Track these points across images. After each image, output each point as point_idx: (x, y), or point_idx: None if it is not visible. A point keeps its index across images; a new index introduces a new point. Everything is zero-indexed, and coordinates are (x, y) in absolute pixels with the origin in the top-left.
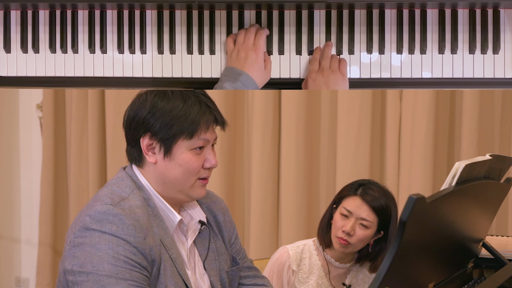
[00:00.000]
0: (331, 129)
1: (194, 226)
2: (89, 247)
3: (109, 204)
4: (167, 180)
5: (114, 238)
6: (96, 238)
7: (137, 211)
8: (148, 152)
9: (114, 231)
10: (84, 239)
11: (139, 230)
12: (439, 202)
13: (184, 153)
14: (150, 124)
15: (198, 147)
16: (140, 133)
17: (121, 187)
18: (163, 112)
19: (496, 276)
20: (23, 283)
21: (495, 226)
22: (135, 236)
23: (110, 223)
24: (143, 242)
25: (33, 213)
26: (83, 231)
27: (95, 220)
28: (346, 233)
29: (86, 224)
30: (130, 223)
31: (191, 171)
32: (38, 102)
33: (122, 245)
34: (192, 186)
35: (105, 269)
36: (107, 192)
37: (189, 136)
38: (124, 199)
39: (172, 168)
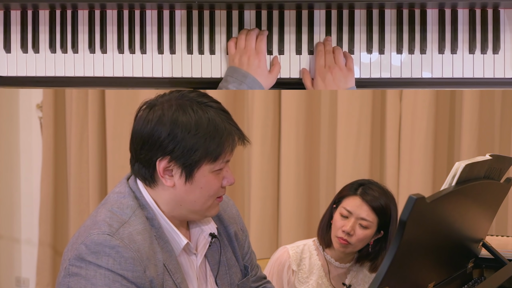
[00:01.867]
0: (331, 129)
1: (204, 240)
2: (84, 280)
3: (106, 234)
4: (184, 203)
5: (110, 274)
6: (91, 271)
7: (137, 238)
8: (165, 175)
9: (111, 266)
10: (79, 270)
11: (139, 263)
12: (439, 202)
13: (206, 176)
14: (170, 148)
15: (218, 169)
16: (157, 156)
17: (121, 208)
18: (184, 136)
19: (496, 276)
20: (23, 283)
21: (495, 226)
22: (134, 270)
23: (106, 256)
24: (143, 276)
25: (33, 213)
26: (78, 260)
27: (91, 251)
28: (346, 233)
29: (81, 254)
30: (128, 255)
31: (212, 192)
32: (38, 102)
33: (119, 281)
34: (209, 207)
35: None
36: (106, 215)
37: (213, 160)
38: (124, 224)
39: (192, 191)
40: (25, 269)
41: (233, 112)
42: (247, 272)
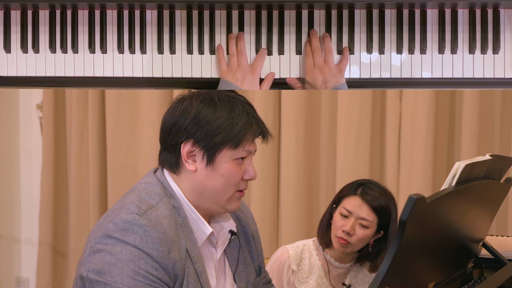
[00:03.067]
0: (331, 129)
1: (224, 236)
2: (109, 255)
3: (135, 213)
4: (205, 190)
5: (136, 251)
6: (118, 247)
7: (164, 222)
8: (188, 159)
9: (138, 243)
10: (105, 246)
11: (164, 244)
12: (439, 202)
13: (227, 163)
14: (194, 131)
15: (240, 158)
16: (182, 139)
17: (149, 194)
18: (208, 120)
19: (496, 276)
20: (23, 283)
21: (495, 226)
22: (159, 250)
23: (134, 234)
24: (167, 256)
25: (33, 213)
26: (105, 238)
27: (119, 228)
28: (346, 233)
29: (109, 232)
30: (155, 235)
31: (232, 182)
32: (38, 102)
33: (144, 258)
34: (229, 199)
35: (124, 282)
36: (135, 199)
37: (234, 146)
38: (151, 208)
39: (213, 177)
40: (25, 269)
41: None
42: (261, 272)
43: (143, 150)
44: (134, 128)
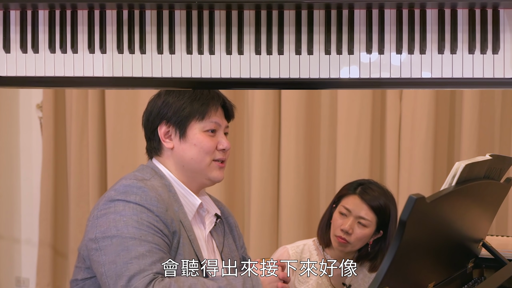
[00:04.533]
0: (331, 129)
1: (210, 219)
2: (113, 214)
3: (133, 179)
4: (185, 163)
5: (138, 206)
6: (120, 206)
7: (158, 189)
8: (166, 139)
9: (138, 201)
10: (108, 209)
11: (161, 202)
12: (439, 202)
13: (198, 134)
14: (164, 112)
15: (210, 130)
16: (157, 123)
17: (142, 173)
18: (174, 100)
19: (496, 276)
20: (23, 283)
21: (495, 226)
22: (158, 206)
23: (134, 194)
24: (165, 213)
25: (33, 213)
26: (107, 203)
27: (119, 192)
28: (345, 232)
29: (111, 197)
30: (153, 195)
31: (205, 150)
32: (38, 102)
33: (146, 212)
34: (208, 166)
35: (129, 232)
36: (129, 175)
37: (200, 117)
38: (146, 180)
39: (187, 149)
40: (25, 269)
41: None
42: (245, 260)
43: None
44: (134, 128)
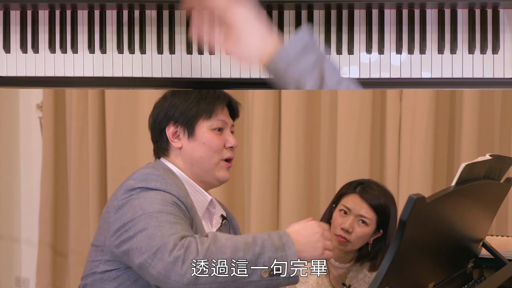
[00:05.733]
0: (331, 129)
1: (216, 219)
2: (136, 200)
3: (151, 168)
4: (194, 161)
5: (159, 191)
6: (143, 193)
7: (173, 180)
8: (174, 139)
9: (159, 186)
10: (130, 197)
11: (181, 190)
12: (439, 202)
13: (206, 133)
14: (171, 113)
15: (217, 128)
16: (164, 124)
17: (156, 168)
18: (181, 101)
19: (496, 276)
20: (23, 283)
21: (495, 226)
22: (178, 191)
23: (154, 181)
24: (186, 198)
25: (33, 213)
26: (127, 192)
27: (139, 180)
28: (345, 230)
29: (130, 186)
30: (171, 181)
31: (214, 148)
32: (38, 102)
33: (169, 195)
34: (217, 166)
35: (155, 208)
36: (143, 168)
37: (208, 116)
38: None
39: (196, 148)
40: (25, 269)
41: None
42: None
43: (143, 150)
44: (134, 128)
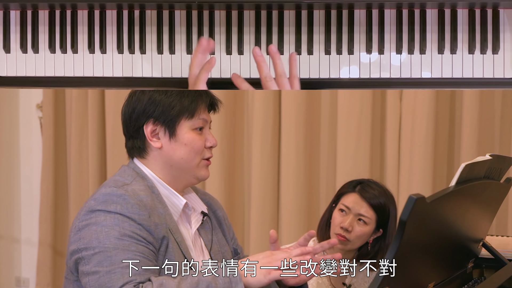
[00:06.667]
0: (331, 129)
1: (196, 217)
2: (95, 226)
3: (113, 187)
4: (173, 162)
5: (119, 216)
6: (101, 217)
7: (140, 193)
8: (153, 138)
9: (119, 210)
10: (89, 220)
11: (143, 209)
12: (439, 202)
13: (188, 133)
14: (151, 110)
15: (198, 128)
16: (143, 121)
17: (123, 176)
18: (162, 98)
19: (496, 276)
20: (23, 283)
21: (495, 226)
22: (140, 214)
23: (114, 203)
24: (148, 219)
25: (33, 213)
26: (88, 214)
27: (99, 202)
28: (345, 229)
29: (91, 207)
30: (134, 202)
31: (196, 149)
32: (38, 102)
33: (127, 221)
34: (197, 166)
35: (112, 243)
36: (110, 181)
37: (190, 116)
38: (126, 184)
39: (177, 148)
40: (25, 269)
41: (233, 112)
42: (237, 253)
43: None
44: None
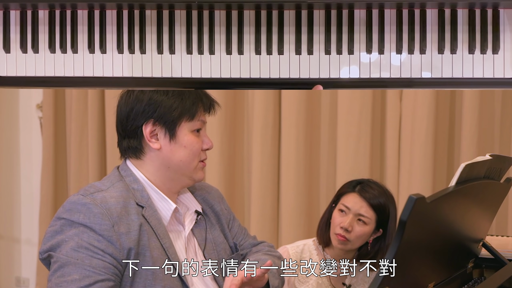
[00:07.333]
0: (331, 129)
1: (190, 216)
2: (58, 234)
3: (80, 195)
4: (171, 164)
5: (80, 226)
6: (66, 226)
7: (110, 200)
8: (152, 139)
9: (81, 220)
10: (55, 227)
11: (107, 218)
12: (439, 202)
13: (187, 135)
14: (152, 111)
15: (196, 129)
16: (142, 121)
17: (102, 182)
18: (162, 99)
19: (496, 276)
20: (23, 283)
21: (495, 226)
22: (101, 224)
23: (78, 212)
24: (110, 229)
25: (33, 213)
26: (55, 220)
27: (65, 209)
28: (344, 229)
29: (58, 214)
30: (97, 211)
31: (195, 152)
32: (38, 102)
33: (87, 232)
34: (195, 168)
35: (68, 255)
36: (87, 186)
37: (190, 118)
38: (99, 191)
39: (177, 150)
40: (25, 269)
41: (233, 112)
42: (237, 249)
43: None
44: None
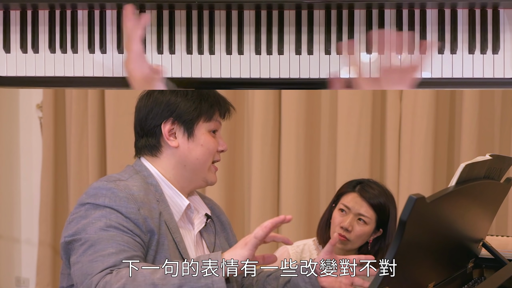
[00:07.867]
0: (331, 129)
1: (200, 218)
2: (83, 219)
3: (104, 181)
4: (188, 163)
5: (106, 208)
6: (90, 210)
7: (132, 188)
8: (170, 137)
9: (107, 203)
10: (79, 213)
11: (132, 202)
12: (439, 202)
13: (205, 134)
14: (171, 110)
15: (213, 130)
16: (161, 120)
17: (121, 174)
18: (181, 100)
19: (496, 276)
20: (23, 283)
21: (495, 226)
22: (127, 207)
23: (103, 196)
24: (137, 212)
25: (33, 213)
26: (78, 207)
27: (89, 195)
28: (345, 229)
29: (81, 200)
30: (123, 195)
31: (211, 151)
32: (38, 102)
33: (115, 213)
34: (209, 169)
35: (97, 233)
36: (105, 176)
37: (208, 118)
38: (120, 180)
39: (194, 149)
40: (25, 269)
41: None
42: None
43: None
44: None
